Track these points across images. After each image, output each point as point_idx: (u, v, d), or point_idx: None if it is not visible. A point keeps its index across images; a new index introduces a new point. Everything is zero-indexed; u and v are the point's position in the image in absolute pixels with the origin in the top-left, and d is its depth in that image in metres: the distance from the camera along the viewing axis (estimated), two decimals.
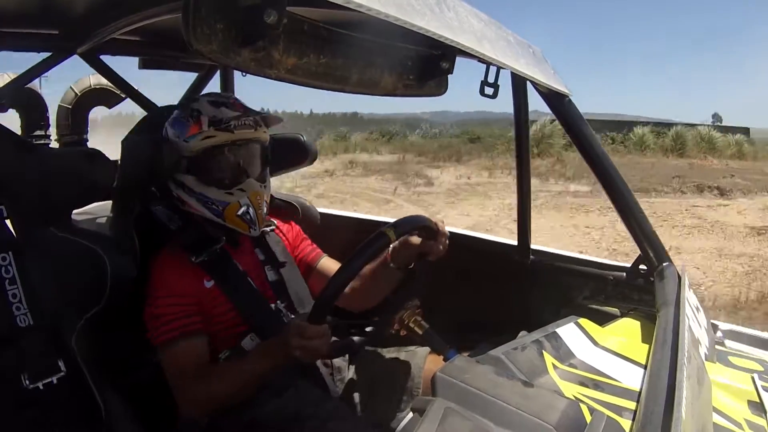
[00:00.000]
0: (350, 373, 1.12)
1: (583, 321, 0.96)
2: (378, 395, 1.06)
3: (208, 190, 1.03)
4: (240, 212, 1.03)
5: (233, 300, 1.04)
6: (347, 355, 1.12)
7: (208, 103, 1.04)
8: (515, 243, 1.43)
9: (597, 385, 0.76)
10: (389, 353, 1.13)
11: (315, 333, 0.86)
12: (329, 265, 1.20)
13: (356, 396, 1.08)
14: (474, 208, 7.42)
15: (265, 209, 1.08)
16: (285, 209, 1.34)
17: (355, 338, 0.99)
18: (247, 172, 1.05)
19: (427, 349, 1.07)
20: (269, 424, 0.94)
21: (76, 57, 1.36)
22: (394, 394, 1.04)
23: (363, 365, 1.12)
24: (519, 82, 1.17)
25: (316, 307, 0.90)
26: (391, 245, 0.97)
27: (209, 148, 1.01)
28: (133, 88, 1.60)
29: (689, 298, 0.96)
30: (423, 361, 1.08)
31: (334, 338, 0.98)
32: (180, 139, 1.02)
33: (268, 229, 1.18)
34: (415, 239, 1.04)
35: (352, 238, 1.02)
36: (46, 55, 1.31)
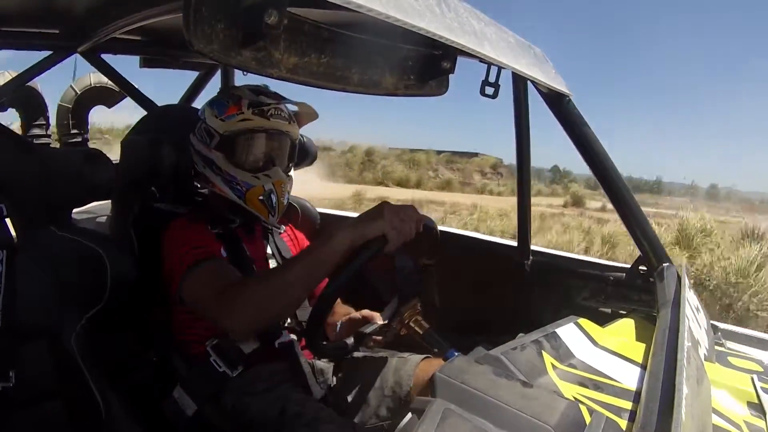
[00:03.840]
0: (334, 376, 1.10)
1: (582, 321, 0.96)
2: (363, 400, 1.03)
3: (236, 171, 1.05)
4: (262, 197, 1.05)
5: None
6: (331, 358, 1.11)
7: (248, 90, 1.08)
8: (515, 244, 1.43)
9: (597, 386, 0.76)
10: (379, 358, 1.11)
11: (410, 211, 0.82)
12: None
13: (340, 399, 1.05)
14: None
15: (286, 200, 1.09)
16: (286, 210, 1.35)
17: (353, 338, 1.00)
18: (274, 161, 1.07)
19: (419, 357, 1.06)
20: (255, 422, 0.94)
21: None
22: (381, 399, 1.02)
23: (349, 369, 1.10)
24: (519, 83, 1.17)
25: None
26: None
27: (244, 130, 1.04)
28: (134, 86, 1.60)
29: (689, 298, 0.96)
30: (413, 368, 1.05)
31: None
32: (218, 117, 1.05)
33: (281, 229, 1.20)
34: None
35: None
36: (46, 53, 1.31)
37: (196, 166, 1.09)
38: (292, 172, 1.20)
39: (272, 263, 1.14)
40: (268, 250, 1.15)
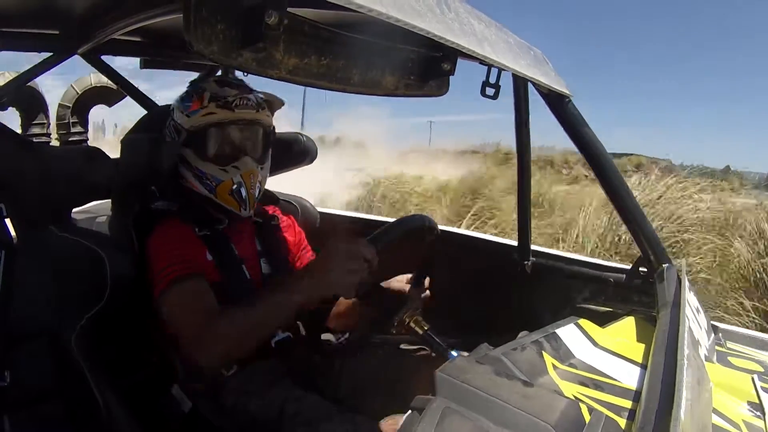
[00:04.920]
0: (339, 370, 1.10)
1: (583, 322, 0.96)
2: (364, 396, 1.04)
3: (204, 165, 1.04)
4: (231, 190, 1.04)
5: (225, 281, 1.03)
6: (331, 355, 1.11)
7: (213, 82, 1.06)
8: (515, 243, 1.43)
9: (597, 385, 0.76)
10: (381, 352, 1.12)
11: (362, 245, 0.84)
12: None
13: (344, 394, 1.06)
14: None
15: (257, 191, 1.08)
16: (286, 209, 1.35)
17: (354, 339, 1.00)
18: (244, 151, 1.05)
19: (421, 352, 1.07)
20: (254, 421, 0.94)
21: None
22: (385, 393, 1.03)
23: (350, 365, 1.10)
24: (520, 83, 1.18)
25: (380, 233, 0.92)
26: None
27: (209, 124, 1.03)
28: (135, 87, 1.60)
29: (689, 299, 0.97)
30: (416, 364, 1.06)
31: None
32: (183, 113, 1.04)
33: (275, 221, 1.19)
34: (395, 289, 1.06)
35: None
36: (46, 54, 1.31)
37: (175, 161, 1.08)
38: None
39: (263, 261, 1.13)
40: (259, 248, 1.14)
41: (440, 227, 1.05)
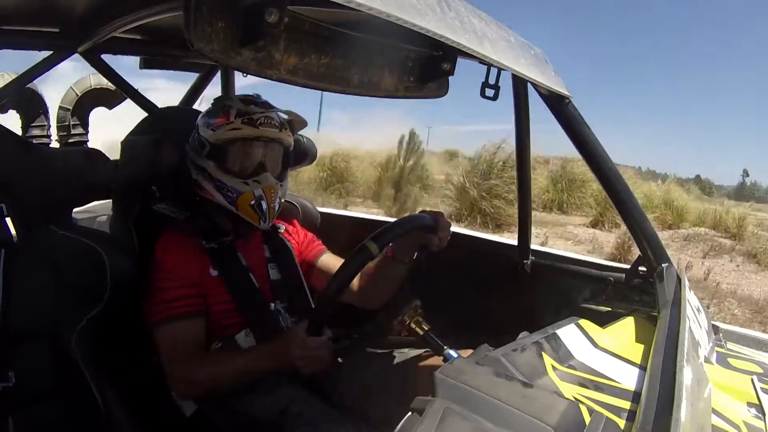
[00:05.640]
0: (341, 373, 1.10)
1: (583, 322, 0.96)
2: (369, 396, 1.04)
3: (226, 178, 1.06)
4: (253, 203, 1.06)
5: (233, 294, 1.05)
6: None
7: (239, 100, 1.10)
8: (515, 243, 1.43)
9: (597, 386, 0.76)
10: (383, 355, 1.12)
11: (316, 344, 0.91)
12: (328, 261, 1.23)
13: (346, 396, 1.06)
14: None
15: (277, 205, 1.10)
16: (287, 209, 1.35)
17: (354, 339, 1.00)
18: (265, 167, 1.08)
19: (424, 353, 1.07)
20: (257, 421, 0.95)
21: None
22: (386, 396, 1.02)
23: (355, 366, 1.10)
24: (519, 84, 1.17)
25: (311, 321, 0.93)
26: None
27: (233, 139, 1.05)
28: (134, 88, 1.59)
29: (689, 299, 0.96)
30: (419, 364, 1.06)
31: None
32: (208, 127, 1.06)
33: (280, 228, 1.22)
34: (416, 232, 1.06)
35: (352, 237, 1.03)
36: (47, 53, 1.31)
37: (191, 173, 1.11)
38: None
39: (271, 267, 1.14)
40: (267, 254, 1.16)
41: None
